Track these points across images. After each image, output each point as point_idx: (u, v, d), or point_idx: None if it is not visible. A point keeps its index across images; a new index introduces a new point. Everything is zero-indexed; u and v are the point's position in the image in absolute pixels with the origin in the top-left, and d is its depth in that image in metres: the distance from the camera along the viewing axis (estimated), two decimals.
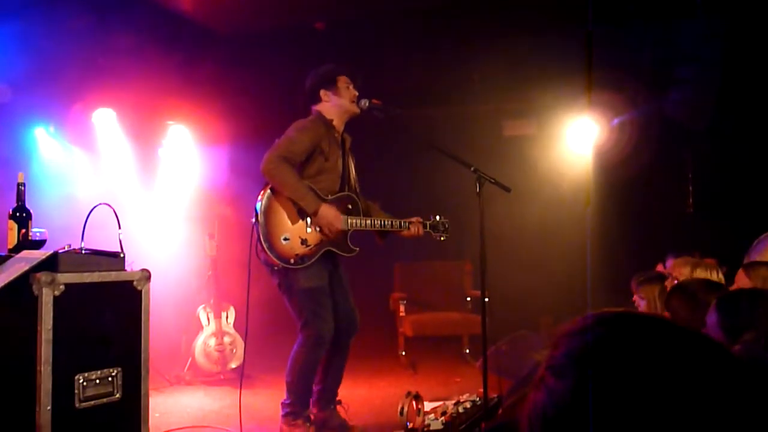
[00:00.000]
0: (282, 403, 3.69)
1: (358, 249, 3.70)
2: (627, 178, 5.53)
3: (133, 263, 2.98)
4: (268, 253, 3.46)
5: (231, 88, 5.73)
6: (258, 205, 3.52)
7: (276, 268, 3.51)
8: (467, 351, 5.82)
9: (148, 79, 5.30)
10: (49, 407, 2.43)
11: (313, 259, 3.53)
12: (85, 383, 2.56)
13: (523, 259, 6.09)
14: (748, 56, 5.19)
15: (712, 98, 5.21)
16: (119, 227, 2.77)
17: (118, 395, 2.64)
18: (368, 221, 3.67)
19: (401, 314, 5.80)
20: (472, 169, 3.50)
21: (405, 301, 5.81)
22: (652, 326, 0.72)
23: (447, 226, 3.84)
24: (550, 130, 6.34)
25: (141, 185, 5.62)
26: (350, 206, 3.69)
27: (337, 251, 3.63)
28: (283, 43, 5.81)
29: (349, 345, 3.85)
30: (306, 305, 3.55)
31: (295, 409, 3.63)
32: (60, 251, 2.63)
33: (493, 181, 3.50)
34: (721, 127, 5.40)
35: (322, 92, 3.71)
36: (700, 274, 2.92)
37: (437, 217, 3.83)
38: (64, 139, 5.12)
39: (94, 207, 2.82)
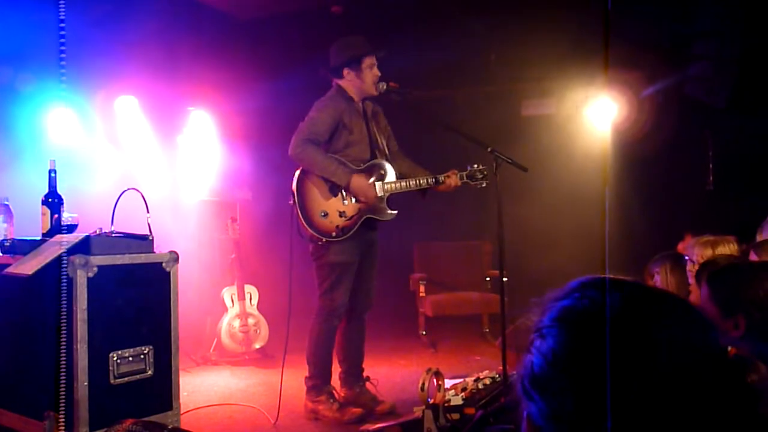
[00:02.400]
0: (305, 378, 3.82)
1: (396, 211, 3.80)
2: (646, 157, 5.51)
3: (159, 246, 3.08)
4: (310, 230, 3.63)
5: (251, 73, 5.79)
6: (293, 187, 3.70)
7: (321, 243, 3.67)
8: (487, 330, 5.88)
9: (169, 66, 5.38)
10: (86, 383, 2.55)
11: (354, 229, 3.67)
12: (119, 360, 2.67)
13: (542, 238, 6.11)
14: (767, 31, 5.12)
15: (732, 74, 5.16)
16: (147, 211, 2.87)
17: (150, 372, 2.75)
18: (403, 183, 3.76)
19: (421, 294, 5.86)
20: (489, 149, 3.55)
21: (425, 282, 5.88)
22: (631, 290, 0.76)
23: (486, 173, 3.78)
24: (568, 110, 6.32)
25: (164, 170, 5.72)
26: (382, 172, 3.78)
27: (377, 217, 3.75)
28: (301, 27, 5.86)
29: (365, 321, 3.95)
30: (329, 277, 3.70)
31: (316, 383, 3.75)
32: (92, 235, 2.73)
33: (510, 161, 3.54)
34: (740, 103, 5.35)
35: (345, 71, 3.79)
36: (723, 250, 2.93)
37: (474, 166, 3.80)
38: (88, 126, 5.22)
39: (123, 192, 2.91)
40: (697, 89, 5.37)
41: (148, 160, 5.61)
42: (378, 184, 3.72)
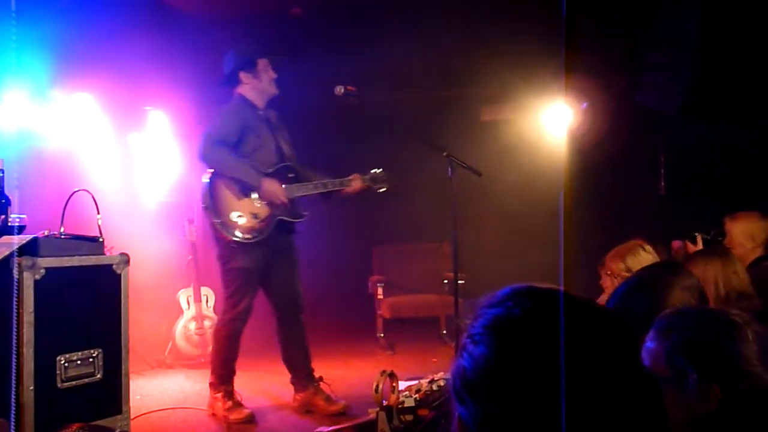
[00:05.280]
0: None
1: (307, 213, 3.89)
2: (600, 162, 5.64)
3: (113, 248, 3.04)
4: (224, 232, 3.64)
5: (209, 73, 5.72)
6: (203, 191, 3.72)
7: (234, 245, 3.67)
8: (444, 332, 5.93)
9: (126, 65, 5.29)
10: (32, 387, 2.51)
11: (268, 231, 3.70)
12: (66, 364, 2.63)
13: (500, 241, 6.20)
14: (720, 40, 5.28)
15: (683, 82, 5.31)
16: (98, 212, 2.83)
17: (99, 375, 2.72)
18: (310, 186, 3.84)
19: (379, 297, 5.89)
20: (444, 153, 3.59)
21: (383, 284, 5.90)
22: (553, 299, 0.79)
23: (384, 177, 3.96)
24: (526, 115, 6.43)
25: (120, 171, 5.62)
26: (291, 175, 3.85)
27: (289, 219, 3.79)
28: (261, 29, 5.82)
29: (300, 323, 3.94)
30: (234, 282, 3.74)
31: (214, 381, 3.83)
32: (40, 236, 2.68)
33: (464, 165, 3.59)
34: (691, 110, 5.52)
35: (242, 74, 3.85)
36: (633, 262, 2.96)
37: (375, 170, 3.96)
38: (42, 124, 5.10)
39: (73, 193, 2.87)
40: (649, 97, 5.52)
41: (104, 160, 5.51)
42: (287, 186, 3.77)
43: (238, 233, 3.66)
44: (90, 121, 5.40)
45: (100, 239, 2.85)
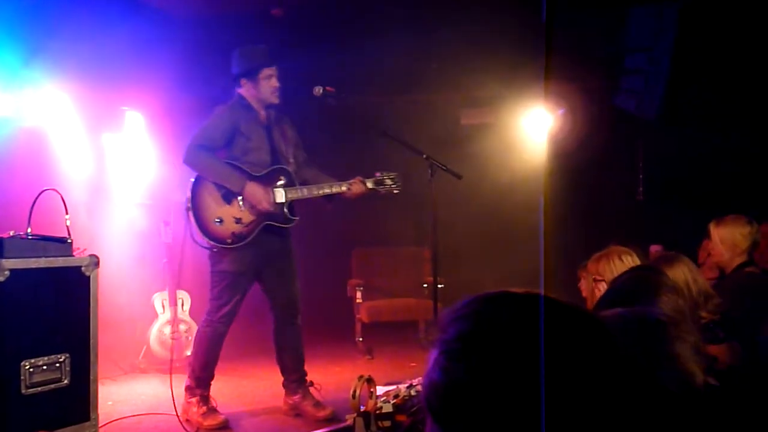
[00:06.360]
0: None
1: (297, 218, 3.79)
2: (579, 166, 5.65)
3: (86, 250, 2.96)
4: (203, 236, 3.61)
5: (187, 74, 5.65)
6: (188, 193, 3.67)
7: (214, 250, 3.65)
8: (423, 337, 5.89)
9: (103, 64, 5.20)
10: None
11: (251, 236, 3.64)
12: (31, 369, 2.54)
13: (480, 245, 6.19)
14: (698, 47, 5.33)
15: (661, 88, 5.34)
16: (66, 212, 2.75)
17: (66, 381, 2.63)
18: (304, 190, 3.76)
19: (358, 301, 5.84)
20: (424, 156, 3.57)
21: (362, 288, 5.86)
22: (532, 304, 0.76)
23: (396, 179, 3.81)
24: (507, 119, 6.44)
25: (94, 171, 5.51)
26: (282, 179, 3.77)
27: (276, 224, 3.72)
28: (240, 29, 5.75)
29: (296, 326, 3.92)
30: (219, 284, 3.70)
31: (190, 385, 3.79)
32: (5, 237, 2.60)
33: (444, 168, 3.57)
34: (669, 116, 5.55)
35: (242, 80, 3.81)
36: (604, 268, 2.95)
37: (383, 173, 3.84)
38: (11, 121, 4.98)
39: (41, 192, 2.79)
40: (628, 101, 5.55)
41: (77, 160, 5.39)
42: (279, 190, 3.71)
43: (216, 237, 3.62)
44: (62, 119, 5.29)
45: (69, 240, 2.77)
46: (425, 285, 6.07)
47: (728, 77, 5.31)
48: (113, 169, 5.72)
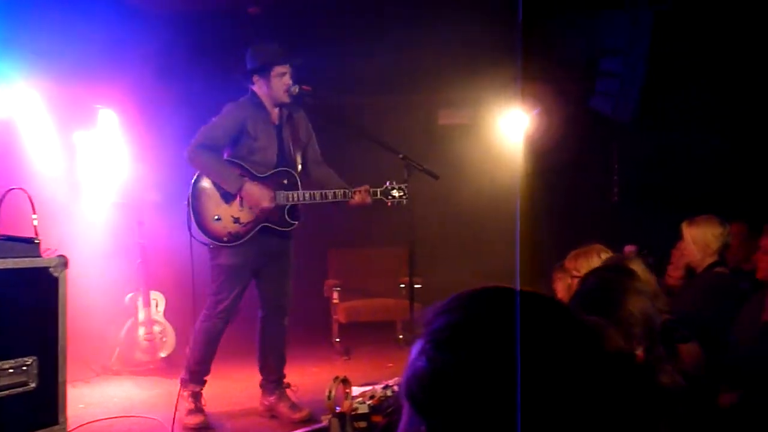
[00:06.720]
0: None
1: (296, 222, 3.76)
2: (555, 168, 5.69)
3: (56, 250, 2.90)
4: (201, 233, 3.64)
5: (163, 72, 5.59)
6: (190, 190, 3.71)
7: (211, 246, 3.68)
8: (401, 336, 5.89)
9: (76, 61, 5.11)
10: None
11: (248, 236, 3.65)
12: None
13: (457, 245, 6.20)
14: (673, 50, 5.39)
15: (636, 90, 5.40)
16: (34, 212, 2.69)
17: (33, 385, 2.58)
18: (306, 194, 3.71)
19: (335, 301, 5.82)
20: (400, 156, 3.56)
21: (339, 288, 5.84)
22: (514, 298, 0.76)
23: (405, 190, 3.65)
24: (484, 120, 6.45)
25: (68, 170, 5.42)
26: (286, 181, 3.75)
27: (274, 226, 3.71)
28: (217, 27, 5.70)
29: (281, 328, 3.91)
30: (217, 278, 3.71)
31: (184, 378, 3.78)
32: None
33: (421, 168, 3.56)
34: (644, 118, 5.61)
35: (255, 77, 3.79)
36: (582, 264, 2.98)
37: (392, 183, 3.69)
38: None
39: (8, 191, 2.73)
40: (603, 104, 5.59)
41: (49, 158, 5.29)
42: (281, 192, 3.69)
43: (213, 235, 3.65)
44: (33, 115, 5.19)
45: (37, 240, 2.71)
46: (402, 285, 6.05)
47: (702, 81, 5.38)
48: (86, 168, 5.63)
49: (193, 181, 3.72)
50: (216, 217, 3.65)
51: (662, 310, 2.30)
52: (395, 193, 3.68)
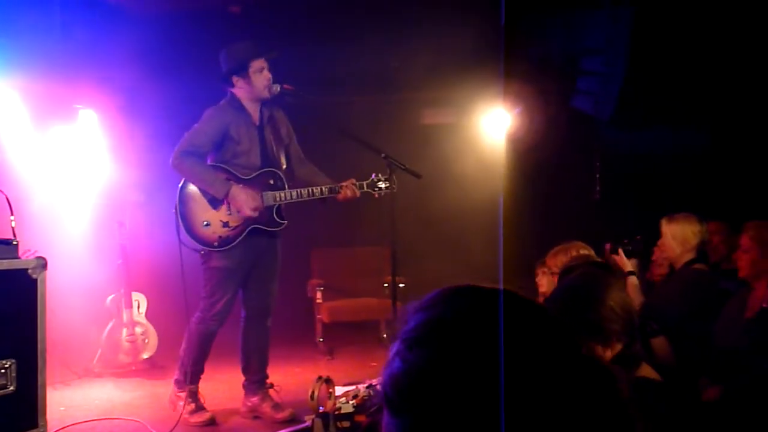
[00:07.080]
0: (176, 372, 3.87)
1: (285, 222, 3.77)
2: (537, 166, 5.72)
3: (36, 252, 2.87)
4: (191, 239, 3.63)
5: (144, 71, 5.54)
6: (177, 195, 3.70)
7: (202, 252, 3.67)
8: (384, 336, 5.89)
9: (57, 60, 5.05)
10: None
11: (238, 240, 3.66)
12: None
13: (440, 244, 6.20)
14: (652, 48, 5.43)
15: (616, 89, 5.44)
16: (11, 213, 2.66)
17: (12, 387, 2.55)
18: (294, 193, 3.71)
19: (318, 301, 5.82)
20: (383, 155, 3.56)
21: (322, 288, 5.83)
22: (492, 298, 0.76)
23: (386, 178, 3.67)
24: (468, 119, 6.47)
25: (48, 170, 5.35)
26: (272, 181, 3.74)
27: (263, 227, 3.71)
28: (198, 26, 5.66)
29: (267, 328, 3.92)
30: (210, 281, 3.70)
31: (179, 379, 3.79)
32: None
33: (403, 167, 3.57)
34: (624, 117, 5.66)
35: (234, 78, 3.74)
36: (561, 258, 3.01)
37: (377, 175, 3.73)
38: None
39: None
40: (584, 102, 5.63)
41: (28, 159, 5.23)
42: (268, 193, 3.69)
43: (203, 241, 3.65)
44: (12, 115, 5.12)
45: (14, 242, 2.68)
46: (386, 285, 6.05)
47: (682, 78, 5.43)
48: (66, 168, 5.57)
49: (179, 186, 3.71)
50: (205, 222, 3.65)
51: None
52: (381, 185, 3.72)
